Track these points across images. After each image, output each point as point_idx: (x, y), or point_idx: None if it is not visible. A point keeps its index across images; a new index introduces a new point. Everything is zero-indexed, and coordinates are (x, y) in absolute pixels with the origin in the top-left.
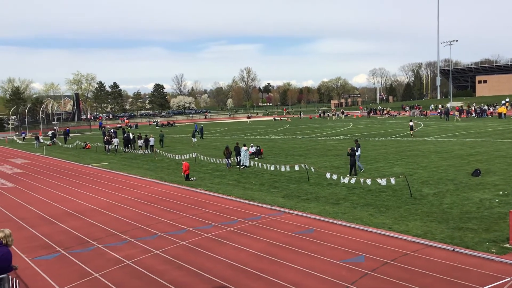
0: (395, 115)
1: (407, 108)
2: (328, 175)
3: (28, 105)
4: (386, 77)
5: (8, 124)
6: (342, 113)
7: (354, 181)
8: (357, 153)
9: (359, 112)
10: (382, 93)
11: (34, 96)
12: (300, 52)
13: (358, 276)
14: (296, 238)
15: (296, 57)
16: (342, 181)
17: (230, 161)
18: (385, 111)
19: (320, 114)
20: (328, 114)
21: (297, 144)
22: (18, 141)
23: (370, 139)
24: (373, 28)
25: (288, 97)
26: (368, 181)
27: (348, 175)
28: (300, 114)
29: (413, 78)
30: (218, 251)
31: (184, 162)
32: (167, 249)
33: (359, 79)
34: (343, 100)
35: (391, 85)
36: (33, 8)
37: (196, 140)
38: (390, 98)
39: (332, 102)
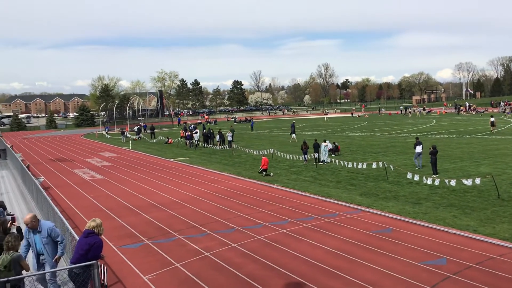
0: (482, 112)
1: (502, 104)
2: (409, 175)
3: (116, 101)
4: (473, 71)
5: (98, 119)
6: (424, 109)
7: (438, 182)
8: (416, 151)
9: (443, 108)
10: (468, 89)
11: (122, 93)
12: (380, 46)
13: (439, 279)
14: (374, 237)
15: (375, 52)
16: (424, 181)
17: (307, 157)
18: (472, 108)
19: (401, 111)
20: (409, 111)
21: (375, 141)
22: (106, 135)
23: (454, 136)
24: (459, 19)
25: (366, 93)
26: (453, 182)
27: (433, 175)
28: (379, 111)
29: (503, 73)
30: (294, 247)
31: (263, 157)
32: (244, 243)
33: (444, 74)
34: (425, 96)
35: (478, 80)
36: (121, 9)
37: (295, 136)
38: (478, 94)
39: (414, 98)
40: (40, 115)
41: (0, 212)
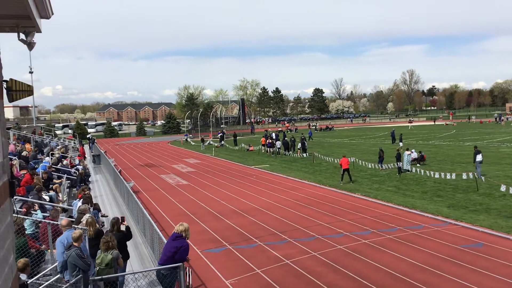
0: None
1: None
2: (503, 188)
3: (200, 109)
4: None
5: (183, 126)
6: None
7: None
8: (476, 159)
9: None
10: None
11: (206, 101)
12: (470, 51)
13: None
14: (462, 252)
15: (465, 57)
16: None
17: (384, 166)
18: None
19: (496, 118)
20: (503, 119)
21: (464, 150)
22: (191, 142)
23: None
24: None
25: (455, 100)
26: None
27: None
28: (469, 118)
29: None
30: (377, 258)
31: (343, 158)
32: (324, 252)
33: None
34: None
35: None
36: (205, 22)
37: (402, 144)
38: None
39: (507, 105)
40: (130, 123)
41: (95, 214)
